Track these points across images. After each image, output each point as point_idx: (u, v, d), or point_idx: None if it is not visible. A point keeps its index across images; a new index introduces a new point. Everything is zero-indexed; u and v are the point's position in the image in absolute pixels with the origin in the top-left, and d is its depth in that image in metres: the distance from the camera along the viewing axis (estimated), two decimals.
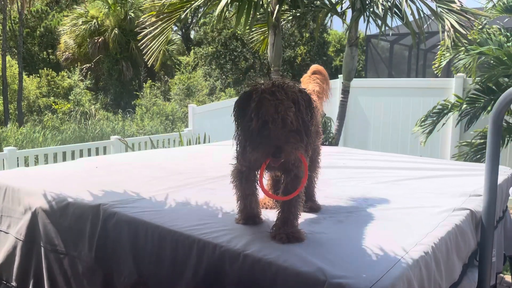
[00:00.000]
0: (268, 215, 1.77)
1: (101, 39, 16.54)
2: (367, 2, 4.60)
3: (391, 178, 2.57)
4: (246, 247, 1.47)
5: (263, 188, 1.60)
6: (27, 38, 19.77)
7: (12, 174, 2.62)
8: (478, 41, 4.94)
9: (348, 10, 5.02)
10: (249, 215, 1.71)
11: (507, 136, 4.76)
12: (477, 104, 4.77)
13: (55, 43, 18.91)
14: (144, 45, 5.00)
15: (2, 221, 2.23)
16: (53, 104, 14.43)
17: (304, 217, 1.77)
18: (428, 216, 1.86)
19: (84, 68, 17.10)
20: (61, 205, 1.97)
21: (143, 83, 15.68)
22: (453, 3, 4.37)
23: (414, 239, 1.58)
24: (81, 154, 5.42)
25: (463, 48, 4.88)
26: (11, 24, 19.10)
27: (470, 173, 2.72)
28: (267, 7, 4.82)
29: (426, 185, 2.45)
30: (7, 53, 16.03)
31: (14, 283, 2.12)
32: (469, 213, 1.92)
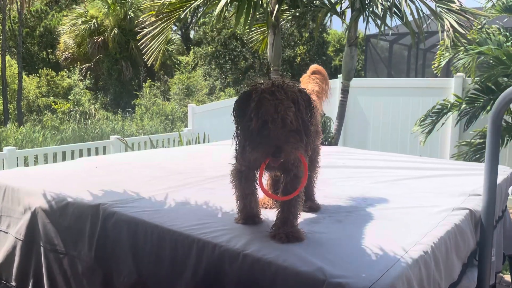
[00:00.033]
0: (268, 215, 1.77)
1: (101, 39, 16.53)
2: (367, 2, 4.60)
3: (391, 178, 2.57)
4: (246, 247, 1.48)
5: (263, 188, 1.60)
6: (27, 38, 19.76)
7: (12, 174, 2.62)
8: (478, 41, 4.95)
9: (348, 10, 5.02)
10: (249, 215, 1.71)
11: (507, 136, 4.76)
12: (477, 104, 4.77)
13: (55, 43, 18.90)
14: (144, 45, 5.00)
15: (2, 221, 2.23)
16: (53, 104, 14.43)
17: (304, 217, 1.77)
18: (428, 216, 1.86)
19: (84, 68, 17.09)
20: (61, 205, 1.97)
21: (143, 83, 15.68)
22: (453, 3, 4.37)
23: (414, 239, 1.58)
24: (81, 154, 5.42)
25: (463, 48, 4.89)
26: (11, 24, 19.09)
27: (470, 173, 2.73)
28: (267, 7, 4.82)
29: (426, 185, 2.45)
30: (7, 53, 16.02)
31: (14, 283, 2.12)
32: (469, 213, 1.92)
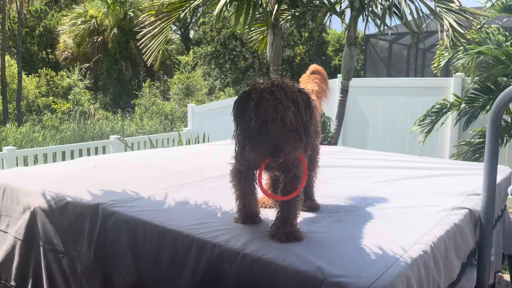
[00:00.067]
0: (267, 214, 1.77)
1: (100, 39, 16.53)
2: (366, 2, 4.60)
3: (390, 177, 2.57)
4: (245, 246, 1.48)
5: (262, 188, 1.60)
6: (26, 38, 19.75)
7: (11, 174, 2.61)
8: (477, 41, 4.95)
9: (347, 10, 5.03)
10: (248, 214, 1.71)
11: (506, 135, 4.76)
12: (476, 104, 4.78)
13: (54, 43, 18.90)
14: (143, 45, 5.00)
15: (1, 221, 2.23)
16: (52, 104, 14.42)
17: (303, 216, 1.77)
18: (427, 215, 1.86)
19: (83, 68, 17.09)
20: (60, 205, 1.97)
21: (142, 83, 15.67)
22: (452, 3, 4.37)
23: (413, 238, 1.58)
24: (81, 154, 5.42)
25: (462, 48, 4.89)
26: (10, 24, 19.08)
27: (469, 172, 2.73)
28: (266, 7, 4.82)
29: (425, 184, 2.45)
30: (6, 53, 16.01)
31: (13, 283, 2.12)
32: (468, 212, 1.92)
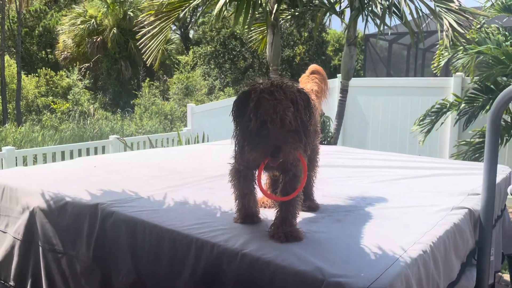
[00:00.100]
0: (267, 214, 1.77)
1: (100, 39, 16.52)
2: (366, 1, 4.60)
3: (390, 177, 2.57)
4: (244, 246, 1.47)
5: (262, 188, 1.60)
6: (26, 38, 19.75)
7: (10, 174, 2.61)
8: (477, 40, 4.95)
9: (347, 9, 5.03)
10: (247, 214, 1.71)
11: (506, 135, 4.76)
12: (476, 103, 4.77)
13: (54, 43, 18.89)
14: (143, 45, 5.00)
15: (0, 221, 2.23)
16: (52, 104, 14.40)
17: (303, 216, 1.77)
18: (427, 215, 1.85)
19: (83, 68, 17.08)
20: (59, 205, 1.97)
21: (142, 83, 15.66)
22: (452, 3, 4.37)
23: (412, 238, 1.57)
24: (80, 154, 5.41)
25: (462, 48, 4.89)
26: (10, 24, 19.07)
27: (469, 172, 2.72)
28: (266, 6, 4.82)
29: (425, 184, 2.44)
30: (6, 53, 16.01)
31: (12, 283, 2.12)
32: (468, 212, 1.92)
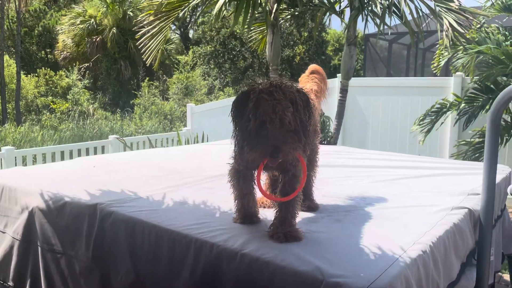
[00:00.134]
0: (266, 214, 1.76)
1: (99, 38, 16.52)
2: (365, 1, 4.60)
3: (389, 177, 2.57)
4: (244, 247, 1.47)
5: (261, 189, 1.59)
6: (25, 38, 19.73)
7: (9, 174, 2.61)
8: (477, 40, 4.95)
9: (347, 9, 5.03)
10: (247, 214, 1.70)
11: (506, 135, 4.76)
12: (476, 103, 4.77)
13: (53, 42, 18.87)
14: (143, 44, 4.99)
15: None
16: (51, 104, 14.39)
17: (302, 216, 1.77)
18: (426, 215, 1.85)
19: (82, 68, 17.07)
20: (58, 205, 1.97)
21: (142, 82, 15.66)
22: (452, 2, 4.37)
23: (412, 238, 1.57)
24: (79, 154, 5.41)
25: (462, 47, 4.88)
26: (9, 23, 19.06)
27: (469, 172, 2.72)
28: (265, 6, 4.81)
29: (424, 184, 2.44)
30: (5, 53, 16.00)
31: (11, 283, 2.12)
32: (468, 212, 1.92)
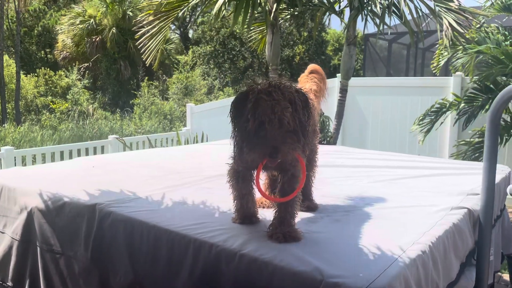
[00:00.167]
0: (265, 214, 1.76)
1: (99, 38, 16.51)
2: (365, 1, 4.59)
3: (389, 177, 2.57)
4: (243, 247, 1.47)
5: (260, 190, 1.59)
6: (25, 37, 19.71)
7: (9, 174, 2.61)
8: (476, 40, 4.94)
9: (346, 9, 5.02)
10: (246, 215, 1.70)
11: (505, 135, 4.75)
12: (475, 103, 4.77)
13: (53, 42, 18.86)
14: (142, 44, 4.99)
15: None
16: (51, 104, 14.38)
17: (301, 216, 1.77)
18: (426, 215, 1.85)
19: (82, 68, 17.06)
20: (57, 205, 1.96)
21: (141, 82, 15.65)
22: (451, 2, 4.36)
23: (411, 238, 1.57)
24: (79, 154, 5.40)
25: (461, 47, 4.88)
26: (9, 23, 19.06)
27: (468, 172, 2.72)
28: (265, 6, 4.81)
29: (424, 184, 2.44)
30: (5, 53, 15.99)
31: (10, 283, 2.11)
32: (467, 212, 1.92)
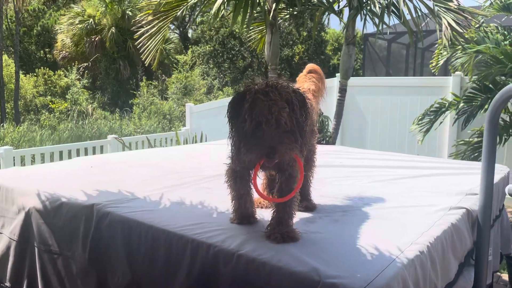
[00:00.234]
0: (263, 215, 1.76)
1: (98, 38, 16.50)
2: (364, 1, 4.59)
3: (388, 177, 2.56)
4: (240, 247, 1.46)
5: (258, 190, 1.58)
6: (24, 37, 19.69)
7: (7, 174, 2.60)
8: (475, 40, 4.94)
9: (345, 9, 5.01)
10: (244, 215, 1.70)
11: (504, 135, 4.75)
12: (474, 103, 4.76)
13: (52, 42, 18.84)
14: (141, 44, 4.98)
15: None
16: (50, 103, 14.37)
17: (300, 217, 1.76)
18: (424, 215, 1.85)
19: (81, 67, 17.04)
20: (55, 205, 1.96)
21: (140, 82, 15.64)
22: (451, 2, 4.36)
23: (410, 238, 1.56)
24: (78, 154, 5.40)
25: (460, 47, 4.88)
26: (8, 23, 19.03)
27: (467, 172, 2.72)
28: (264, 6, 4.80)
29: (423, 184, 2.44)
30: (4, 52, 15.97)
31: (8, 284, 2.11)
32: (466, 212, 1.91)
